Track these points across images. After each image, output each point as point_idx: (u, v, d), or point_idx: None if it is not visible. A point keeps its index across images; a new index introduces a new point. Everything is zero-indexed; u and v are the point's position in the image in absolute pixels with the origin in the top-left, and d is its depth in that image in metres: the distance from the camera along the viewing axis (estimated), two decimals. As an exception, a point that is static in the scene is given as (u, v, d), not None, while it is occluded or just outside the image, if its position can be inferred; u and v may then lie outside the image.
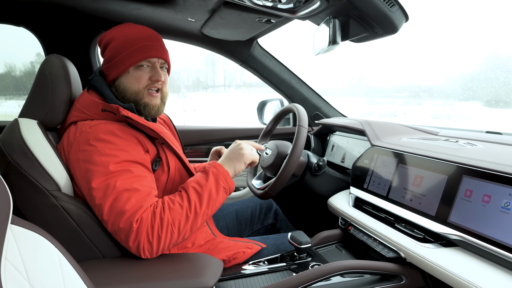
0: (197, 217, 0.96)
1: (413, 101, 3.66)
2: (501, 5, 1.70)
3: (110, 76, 1.09)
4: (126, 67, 1.06)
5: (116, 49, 1.06)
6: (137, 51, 1.06)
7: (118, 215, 0.90)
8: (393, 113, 4.25)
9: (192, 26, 1.45)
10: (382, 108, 4.66)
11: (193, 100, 6.71)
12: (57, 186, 0.94)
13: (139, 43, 1.06)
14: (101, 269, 0.89)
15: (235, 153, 1.11)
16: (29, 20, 1.48)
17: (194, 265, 0.94)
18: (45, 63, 1.05)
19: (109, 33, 1.09)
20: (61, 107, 1.05)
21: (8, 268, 0.58)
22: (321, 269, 0.90)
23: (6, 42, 1.71)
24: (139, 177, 0.97)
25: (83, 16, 1.43)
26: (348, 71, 5.47)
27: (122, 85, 1.08)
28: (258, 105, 2.11)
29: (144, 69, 1.08)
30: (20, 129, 0.95)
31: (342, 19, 1.02)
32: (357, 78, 5.27)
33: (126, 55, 1.05)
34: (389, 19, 0.95)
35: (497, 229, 0.76)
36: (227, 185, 1.03)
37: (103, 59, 1.11)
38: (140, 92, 1.08)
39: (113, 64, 1.07)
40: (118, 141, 0.98)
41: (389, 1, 0.90)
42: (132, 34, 1.07)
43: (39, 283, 0.61)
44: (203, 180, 1.01)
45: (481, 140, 1.13)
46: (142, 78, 1.08)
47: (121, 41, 1.06)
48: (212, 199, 0.99)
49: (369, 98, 5.03)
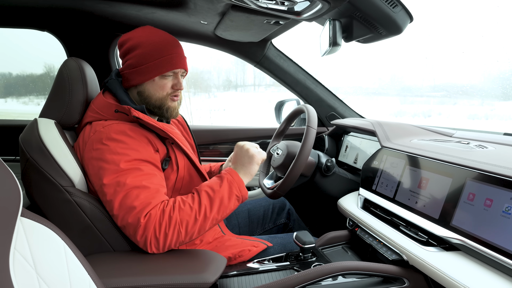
0: (206, 220, 0.99)
1: (449, 101, 3.53)
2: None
3: (133, 81, 1.12)
4: (153, 76, 1.11)
5: (142, 57, 1.10)
6: (164, 62, 1.10)
7: (128, 211, 0.95)
8: (427, 113, 4.11)
9: (205, 29, 1.49)
10: (415, 108, 4.49)
11: (223, 99, 6.76)
12: (71, 182, 1.00)
13: (166, 53, 1.10)
14: (108, 262, 0.94)
15: (245, 157, 1.12)
16: (53, 25, 1.57)
17: (198, 261, 0.97)
18: (63, 66, 1.11)
19: (134, 38, 1.12)
20: (78, 108, 1.11)
21: (17, 258, 0.63)
22: (320, 269, 0.91)
23: (45, 43, 1.83)
24: (148, 175, 1.01)
25: (101, 21, 1.50)
26: (380, 69, 5.28)
27: (147, 91, 1.13)
28: (275, 105, 2.13)
29: (168, 78, 1.13)
30: (38, 128, 1.02)
31: (346, 21, 1.02)
32: (390, 76, 5.10)
33: (153, 64, 1.09)
34: (392, 20, 0.94)
35: (497, 234, 0.74)
36: (240, 193, 1.05)
37: (126, 63, 1.13)
38: (163, 98, 1.14)
39: (139, 71, 1.11)
40: (129, 141, 1.02)
41: (392, 2, 0.89)
42: (159, 43, 1.10)
43: (45, 273, 0.66)
44: (217, 186, 1.03)
45: (495, 142, 1.09)
46: (166, 86, 1.13)
47: (148, 50, 1.09)
48: (223, 205, 1.01)
49: (402, 98, 4.85)
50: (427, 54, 3.23)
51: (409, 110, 4.57)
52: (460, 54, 2.50)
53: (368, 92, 5.47)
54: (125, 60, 1.14)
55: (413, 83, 4.63)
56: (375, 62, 5.01)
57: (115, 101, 1.12)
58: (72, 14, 1.43)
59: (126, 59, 1.13)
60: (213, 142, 1.93)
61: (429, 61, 3.33)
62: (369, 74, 5.57)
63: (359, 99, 5.59)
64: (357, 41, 1.13)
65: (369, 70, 5.52)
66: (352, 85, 5.89)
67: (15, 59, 7.67)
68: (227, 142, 1.93)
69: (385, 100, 4.98)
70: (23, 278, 0.62)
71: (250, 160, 1.11)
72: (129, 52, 1.12)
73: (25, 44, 1.59)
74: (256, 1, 0.95)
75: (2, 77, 8.04)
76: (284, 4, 0.95)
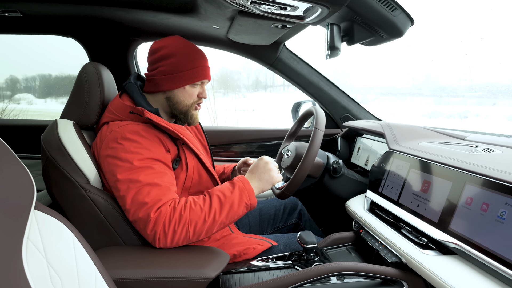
0: (214, 223, 1.03)
1: (487, 101, 3.38)
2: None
3: (164, 86, 1.18)
4: (184, 84, 1.18)
5: (177, 66, 1.16)
6: (197, 72, 1.18)
7: (139, 206, 1.00)
8: (463, 114, 3.98)
9: (218, 33, 1.53)
10: (451, 109, 4.37)
11: (252, 100, 6.79)
12: (87, 179, 1.07)
13: (198, 64, 1.18)
14: (117, 255, 1.00)
15: (265, 173, 1.15)
16: (76, 32, 1.67)
17: (201, 257, 1.01)
18: (82, 70, 1.19)
19: (168, 46, 1.17)
20: (95, 109, 1.18)
21: (30, 247, 0.69)
22: (318, 268, 0.93)
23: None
24: (160, 173, 1.06)
25: (120, 27, 1.58)
26: (413, 68, 5.15)
27: (176, 97, 1.20)
28: (292, 106, 2.15)
29: (196, 87, 1.21)
30: (57, 128, 1.09)
31: (347, 24, 1.03)
32: (424, 76, 4.96)
33: (187, 73, 1.17)
34: (392, 23, 0.94)
35: (492, 239, 0.73)
36: (249, 201, 1.08)
37: (157, 69, 1.18)
38: (190, 106, 1.22)
39: (172, 78, 1.17)
40: (142, 140, 1.08)
41: (391, 5, 0.89)
42: (192, 54, 1.18)
43: (55, 261, 0.72)
44: (228, 192, 1.07)
45: (507, 146, 1.07)
46: (194, 94, 1.21)
47: (184, 60, 1.16)
48: (233, 211, 1.05)
49: (437, 98, 4.74)
50: (466, 51, 3.11)
51: (444, 111, 4.46)
52: (502, 51, 2.40)
53: (401, 93, 5.33)
54: (156, 66, 1.18)
55: (449, 83, 4.50)
56: (408, 61, 4.87)
57: (131, 103, 1.18)
58: (93, 21, 1.53)
59: (159, 65, 1.18)
60: (228, 143, 1.98)
61: (468, 59, 3.21)
62: (402, 74, 5.42)
63: (391, 99, 5.46)
64: (361, 44, 1.14)
65: (402, 70, 5.36)
66: (384, 85, 5.75)
67: (54, 61, 8.07)
68: (242, 142, 1.97)
69: (419, 101, 4.84)
70: (34, 265, 0.68)
71: (268, 179, 1.15)
72: (163, 60, 1.17)
73: (64, 47, 1.71)
74: (259, 7, 0.99)
75: (42, 79, 8.50)
76: (286, 9, 0.98)
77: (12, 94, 7.97)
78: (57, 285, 0.71)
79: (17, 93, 8.19)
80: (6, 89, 7.75)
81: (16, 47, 7.41)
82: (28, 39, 8.12)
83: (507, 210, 0.72)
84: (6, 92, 7.63)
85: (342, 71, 5.66)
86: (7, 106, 5.73)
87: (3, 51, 7.32)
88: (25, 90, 8.43)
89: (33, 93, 8.41)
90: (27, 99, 8.16)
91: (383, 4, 0.89)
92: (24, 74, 8.51)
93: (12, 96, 7.84)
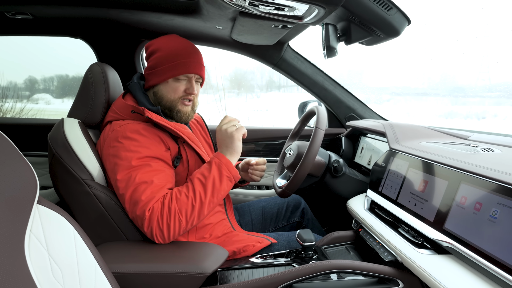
0: (202, 205, 1.05)
1: (506, 101, 3.31)
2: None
3: (150, 81, 1.23)
4: (166, 78, 1.20)
5: (159, 60, 1.20)
6: (178, 66, 1.19)
7: (135, 204, 1.04)
8: (481, 114, 3.89)
9: (222, 33, 1.56)
10: (468, 109, 4.25)
11: (266, 100, 6.79)
12: (91, 176, 1.11)
13: (181, 58, 1.20)
14: (119, 249, 1.03)
15: (226, 138, 1.15)
16: (84, 33, 1.73)
17: (200, 252, 1.03)
18: (88, 70, 1.23)
19: (156, 43, 1.23)
20: (100, 109, 1.22)
21: (32, 239, 0.72)
22: (313, 266, 0.94)
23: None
24: (157, 171, 1.09)
25: (126, 28, 1.62)
26: (430, 68, 4.98)
27: (160, 92, 1.23)
28: (299, 106, 2.15)
29: (181, 82, 1.22)
30: (64, 127, 1.13)
31: (345, 24, 1.03)
32: (440, 75, 4.84)
33: (167, 67, 1.19)
34: (388, 23, 0.94)
35: (483, 238, 0.73)
36: (230, 174, 1.10)
37: (147, 65, 1.25)
38: (174, 101, 1.23)
39: (155, 73, 1.21)
40: (141, 139, 1.11)
41: (386, 5, 0.90)
42: (177, 49, 1.20)
43: (56, 254, 0.75)
44: (207, 171, 1.09)
45: (508, 146, 1.06)
46: (178, 89, 1.22)
47: (165, 54, 1.20)
48: (216, 188, 1.07)
49: (453, 98, 4.61)
50: (484, 52, 3.05)
51: (461, 111, 4.35)
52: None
53: (416, 93, 5.24)
54: (147, 63, 1.25)
55: (466, 83, 4.39)
56: (424, 60, 4.74)
57: (134, 103, 1.21)
58: (100, 22, 1.57)
59: (148, 61, 1.24)
60: None
61: (485, 59, 3.15)
62: (418, 74, 5.29)
63: (407, 99, 5.37)
64: (360, 43, 1.14)
65: (418, 69, 5.22)
66: (399, 85, 5.66)
67: (70, 63, 8.24)
68: (248, 142, 1.99)
69: (435, 101, 4.74)
70: (36, 257, 0.71)
71: (231, 139, 1.14)
72: (151, 55, 1.23)
73: (79, 49, 1.77)
74: (257, 8, 1.00)
75: (60, 79, 8.69)
76: (283, 10, 0.99)
77: (31, 94, 8.17)
78: (58, 277, 0.74)
79: (36, 93, 8.40)
80: (25, 89, 7.94)
81: (34, 49, 7.62)
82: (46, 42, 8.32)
83: (499, 210, 0.72)
84: (25, 92, 7.82)
85: (357, 71, 5.61)
86: (25, 106, 5.89)
87: (23, 52, 7.53)
88: (43, 90, 8.64)
89: (50, 93, 8.61)
90: (45, 99, 8.36)
91: (379, 4, 0.90)
92: (42, 74, 8.71)
93: (30, 96, 8.04)
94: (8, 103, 5.73)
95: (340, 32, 1.07)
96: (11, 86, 6.21)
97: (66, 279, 0.74)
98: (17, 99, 6.09)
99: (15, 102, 5.91)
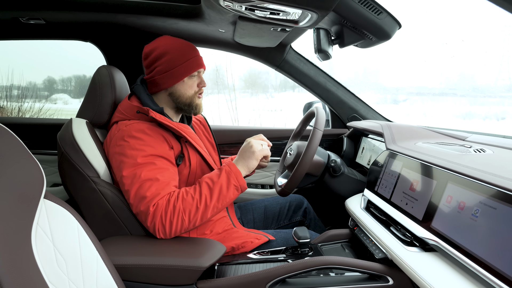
0: (206, 209, 1.10)
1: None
2: None
3: (165, 84, 1.26)
4: (183, 77, 1.26)
5: (172, 62, 1.24)
6: (191, 63, 1.25)
7: (140, 200, 1.09)
8: (501, 115, 3.85)
9: (225, 36, 1.60)
10: (487, 110, 4.20)
11: (280, 100, 6.79)
12: (97, 174, 1.17)
13: (190, 55, 1.25)
14: (122, 243, 1.09)
15: (247, 152, 1.22)
16: (94, 37, 1.80)
17: (198, 248, 1.08)
18: (96, 73, 1.29)
19: (159, 46, 1.25)
20: (107, 109, 1.28)
21: (39, 232, 0.78)
22: (304, 261, 0.97)
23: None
24: (161, 169, 1.14)
25: (133, 32, 1.69)
26: (447, 67, 4.92)
27: (178, 92, 1.28)
28: (304, 106, 2.18)
29: (194, 78, 1.29)
30: (72, 127, 1.20)
31: (338, 28, 1.06)
32: (458, 75, 4.83)
33: (182, 67, 1.24)
34: (378, 27, 0.97)
35: (465, 236, 0.75)
36: (238, 183, 1.15)
37: (155, 69, 1.26)
38: (192, 96, 1.29)
39: (169, 75, 1.25)
40: (146, 138, 1.16)
41: (376, 9, 0.92)
42: (183, 49, 1.25)
43: (61, 246, 0.80)
44: (216, 177, 1.14)
45: (502, 146, 1.07)
46: (193, 85, 1.29)
47: (175, 55, 1.24)
48: (222, 195, 1.12)
49: (472, 98, 4.55)
50: (504, 51, 3.00)
51: (479, 112, 4.29)
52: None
53: (433, 93, 5.15)
54: (153, 68, 1.27)
55: (485, 82, 4.33)
56: (442, 60, 4.67)
57: (139, 104, 1.27)
58: (109, 26, 1.64)
59: (155, 66, 1.26)
60: (238, 142, 2.05)
61: (505, 58, 3.09)
62: (435, 73, 5.20)
63: (423, 100, 5.27)
64: (354, 46, 1.17)
65: (435, 69, 5.12)
66: (416, 85, 5.57)
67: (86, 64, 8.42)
68: None
69: (452, 101, 4.65)
70: (42, 248, 0.77)
71: (251, 155, 1.21)
72: (158, 60, 1.25)
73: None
74: (253, 13, 1.04)
75: (77, 80, 8.90)
76: (279, 15, 1.03)
77: (50, 94, 8.40)
78: (62, 266, 0.79)
79: (54, 93, 8.63)
80: (44, 90, 8.15)
81: (51, 51, 7.83)
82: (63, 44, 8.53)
83: (480, 208, 0.74)
84: (44, 93, 8.02)
85: (373, 69, 5.54)
86: (43, 106, 6.05)
87: (41, 54, 7.75)
88: (62, 90, 8.87)
89: (68, 93, 8.84)
90: (63, 99, 8.58)
91: (369, 9, 0.92)
92: (60, 75, 8.92)
93: (49, 96, 8.26)
94: (28, 103, 5.88)
95: (334, 35, 1.10)
96: (30, 86, 6.38)
97: (70, 269, 0.80)
98: (36, 99, 6.26)
99: (34, 102, 6.06)
